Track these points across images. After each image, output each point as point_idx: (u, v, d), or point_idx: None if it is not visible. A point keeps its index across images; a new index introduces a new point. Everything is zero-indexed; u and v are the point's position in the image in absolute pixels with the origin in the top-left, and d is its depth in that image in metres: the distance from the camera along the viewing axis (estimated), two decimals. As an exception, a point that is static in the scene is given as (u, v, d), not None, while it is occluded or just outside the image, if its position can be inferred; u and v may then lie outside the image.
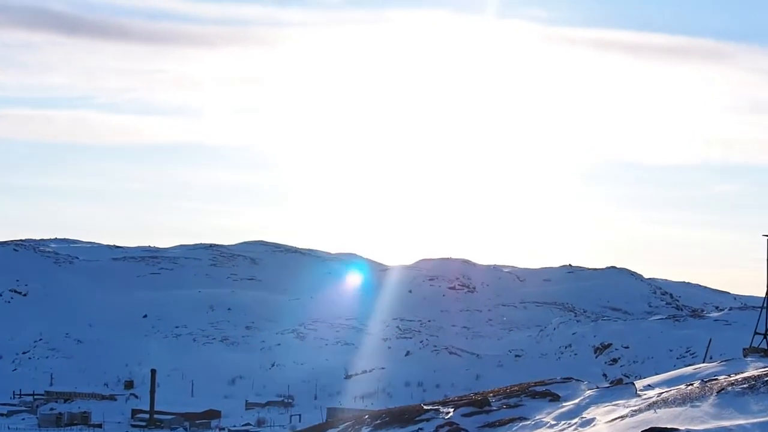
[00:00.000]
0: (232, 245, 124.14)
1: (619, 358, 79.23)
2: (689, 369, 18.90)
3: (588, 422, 14.55)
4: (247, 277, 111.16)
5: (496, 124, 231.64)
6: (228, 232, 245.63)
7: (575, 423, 14.82)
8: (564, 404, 16.91)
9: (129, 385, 77.01)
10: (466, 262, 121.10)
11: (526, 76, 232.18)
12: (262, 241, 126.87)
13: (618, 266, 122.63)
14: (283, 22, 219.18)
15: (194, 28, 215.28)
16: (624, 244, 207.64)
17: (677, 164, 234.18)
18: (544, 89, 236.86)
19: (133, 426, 69.80)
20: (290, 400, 75.85)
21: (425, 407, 19.23)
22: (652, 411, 13.78)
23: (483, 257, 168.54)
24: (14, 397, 78.09)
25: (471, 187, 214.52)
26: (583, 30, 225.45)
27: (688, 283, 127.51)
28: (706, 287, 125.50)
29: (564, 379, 19.64)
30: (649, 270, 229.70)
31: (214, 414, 72.13)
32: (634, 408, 14.53)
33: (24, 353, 79.84)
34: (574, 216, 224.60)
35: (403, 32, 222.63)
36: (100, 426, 68.83)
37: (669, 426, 12.15)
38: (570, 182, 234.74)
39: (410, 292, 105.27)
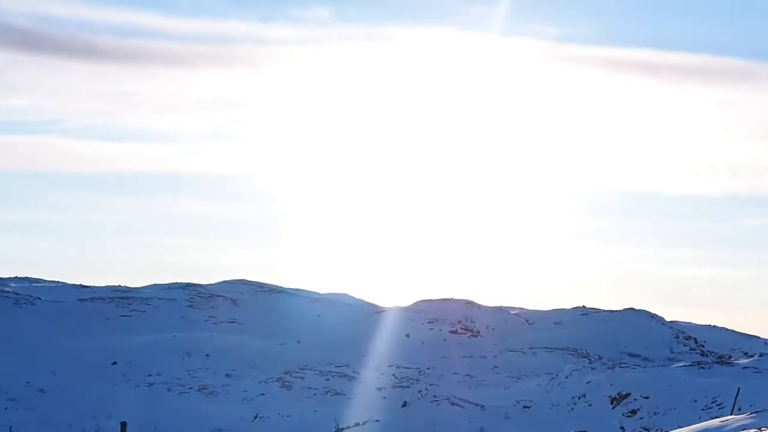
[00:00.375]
0: (210, 285, 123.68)
1: (639, 410, 79.04)
2: (716, 422, 18.89)
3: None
4: (228, 319, 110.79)
5: (501, 152, 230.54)
6: (206, 271, 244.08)
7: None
8: (578, 460, 16.78)
9: (96, 439, 76.67)
10: (469, 304, 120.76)
11: (533, 98, 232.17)
12: (244, 280, 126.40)
13: (636, 308, 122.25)
14: (269, 40, 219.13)
15: (171, 46, 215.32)
16: (643, 283, 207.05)
17: (699, 195, 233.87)
18: (554, 112, 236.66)
19: (101, 485, 69.31)
20: (275, 456, 75.32)
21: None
22: (674, 468, 13.70)
23: (488, 298, 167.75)
24: (-31, 453, 77.39)
25: (474, 221, 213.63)
26: (597, 48, 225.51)
27: (714, 326, 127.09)
28: (733, 331, 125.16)
29: (577, 432, 19.56)
30: (670, 312, 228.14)
31: (191, 471, 71.60)
32: (655, 464, 14.42)
33: (-20, 404, 79.58)
34: (588, 252, 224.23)
35: (401, 51, 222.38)
36: (64, 485, 68.24)
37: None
38: (583, 215, 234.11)
39: (408, 336, 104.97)
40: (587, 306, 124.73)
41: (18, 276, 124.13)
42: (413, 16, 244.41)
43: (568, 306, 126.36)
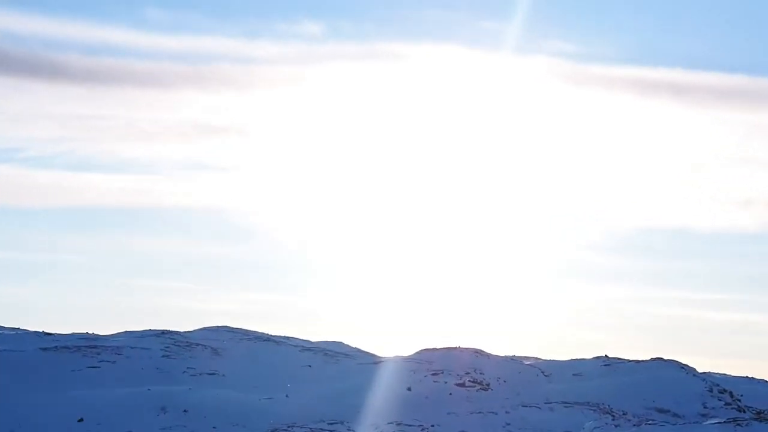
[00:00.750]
0: (189, 332, 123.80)
1: (668, 472, 78.95)
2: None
3: None
4: (208, 371, 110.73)
5: (513, 183, 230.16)
6: (184, 316, 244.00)
7: None
8: None
9: (60, 505, 76.17)
10: (477, 353, 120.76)
11: (549, 123, 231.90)
12: (226, 326, 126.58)
13: (665, 358, 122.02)
14: (255, 59, 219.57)
15: (145, 65, 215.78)
16: (672, 330, 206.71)
17: (733, 231, 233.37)
18: (571, 139, 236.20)
19: None
20: None
21: None
22: None
23: (499, 347, 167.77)
24: None
25: (482, 261, 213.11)
26: (621, 68, 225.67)
27: (752, 378, 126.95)
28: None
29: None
30: (703, 362, 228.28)
31: None
32: None
33: (-70, 466, 79.32)
34: (610, 295, 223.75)
35: (402, 70, 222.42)
36: None
37: None
38: (603, 253, 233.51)
39: (409, 389, 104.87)
40: (610, 356, 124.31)
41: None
42: (416, 32, 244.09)
43: (589, 356, 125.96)
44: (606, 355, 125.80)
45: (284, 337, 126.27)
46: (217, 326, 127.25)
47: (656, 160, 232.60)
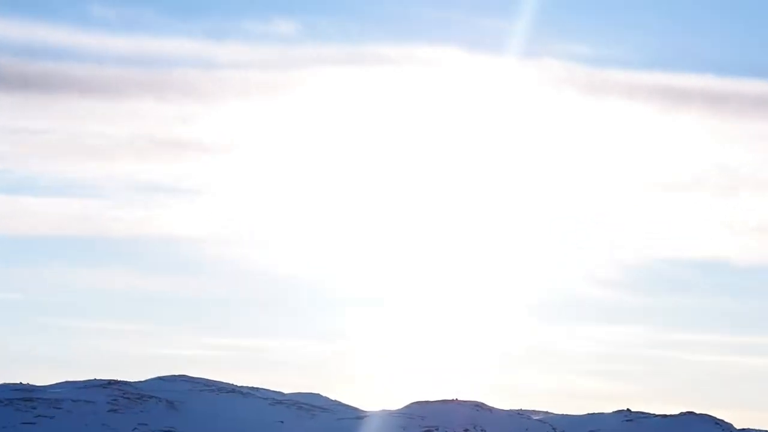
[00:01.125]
0: (140, 382, 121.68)
1: None
2: None
3: None
4: (163, 427, 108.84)
5: (517, 208, 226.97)
6: (135, 364, 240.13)
7: None
8: None
9: None
10: (478, 407, 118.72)
11: (559, 136, 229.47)
12: (183, 375, 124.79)
13: (697, 411, 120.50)
14: (220, 63, 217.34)
15: (91, 69, 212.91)
16: (704, 379, 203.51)
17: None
18: (586, 156, 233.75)
19: None
20: None
21: None
22: None
23: (502, 399, 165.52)
24: None
25: (484, 302, 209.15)
26: (644, 74, 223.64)
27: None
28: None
29: None
30: (740, 417, 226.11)
31: None
32: None
33: None
34: (631, 339, 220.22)
35: (391, 76, 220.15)
36: None
37: None
38: (622, 290, 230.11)
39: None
40: (632, 409, 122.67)
41: None
42: (407, 32, 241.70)
43: (608, 409, 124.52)
44: (628, 409, 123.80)
45: (252, 388, 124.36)
46: (174, 375, 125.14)
47: (684, 179, 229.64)
